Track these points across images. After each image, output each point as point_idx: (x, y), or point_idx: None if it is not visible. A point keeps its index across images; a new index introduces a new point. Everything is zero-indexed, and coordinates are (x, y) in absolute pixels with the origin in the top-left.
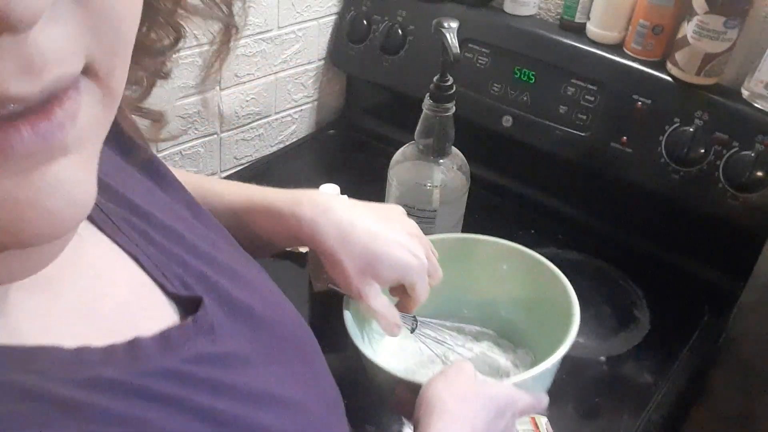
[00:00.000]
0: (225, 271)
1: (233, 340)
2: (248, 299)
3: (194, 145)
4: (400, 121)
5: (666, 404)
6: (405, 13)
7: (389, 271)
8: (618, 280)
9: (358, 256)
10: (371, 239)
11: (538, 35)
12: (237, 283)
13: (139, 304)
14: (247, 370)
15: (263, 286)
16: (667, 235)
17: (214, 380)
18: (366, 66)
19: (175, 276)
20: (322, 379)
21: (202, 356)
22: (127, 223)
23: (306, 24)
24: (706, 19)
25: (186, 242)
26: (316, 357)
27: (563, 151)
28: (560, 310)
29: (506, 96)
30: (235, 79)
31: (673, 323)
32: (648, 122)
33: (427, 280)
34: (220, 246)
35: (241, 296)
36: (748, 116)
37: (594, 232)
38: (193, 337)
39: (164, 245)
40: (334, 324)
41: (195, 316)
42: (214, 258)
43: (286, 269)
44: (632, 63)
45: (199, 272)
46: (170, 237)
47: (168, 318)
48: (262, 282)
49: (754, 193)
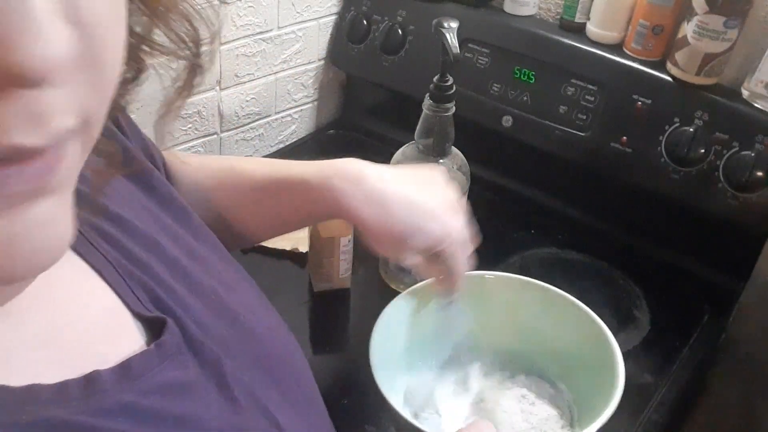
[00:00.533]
0: (203, 290)
1: (200, 366)
2: (225, 319)
3: (194, 145)
4: (400, 121)
5: (666, 404)
6: (405, 13)
7: (424, 241)
8: (618, 280)
9: (393, 227)
10: (405, 209)
11: (538, 35)
12: (215, 303)
13: (102, 328)
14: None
15: (248, 303)
16: (667, 235)
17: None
18: (366, 66)
19: (144, 290)
20: (308, 400)
21: (165, 386)
22: (95, 229)
23: (306, 24)
24: (706, 19)
25: (166, 254)
26: (302, 376)
27: (563, 151)
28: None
29: (506, 96)
30: (235, 79)
31: (673, 323)
32: (648, 122)
33: (464, 250)
34: (209, 261)
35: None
36: (748, 116)
37: (594, 232)
38: (157, 365)
39: (137, 255)
40: (334, 324)
41: (159, 341)
42: (192, 274)
43: (286, 269)
44: (632, 63)
45: (172, 288)
46: (147, 246)
47: (132, 342)
48: (249, 299)
49: (754, 193)
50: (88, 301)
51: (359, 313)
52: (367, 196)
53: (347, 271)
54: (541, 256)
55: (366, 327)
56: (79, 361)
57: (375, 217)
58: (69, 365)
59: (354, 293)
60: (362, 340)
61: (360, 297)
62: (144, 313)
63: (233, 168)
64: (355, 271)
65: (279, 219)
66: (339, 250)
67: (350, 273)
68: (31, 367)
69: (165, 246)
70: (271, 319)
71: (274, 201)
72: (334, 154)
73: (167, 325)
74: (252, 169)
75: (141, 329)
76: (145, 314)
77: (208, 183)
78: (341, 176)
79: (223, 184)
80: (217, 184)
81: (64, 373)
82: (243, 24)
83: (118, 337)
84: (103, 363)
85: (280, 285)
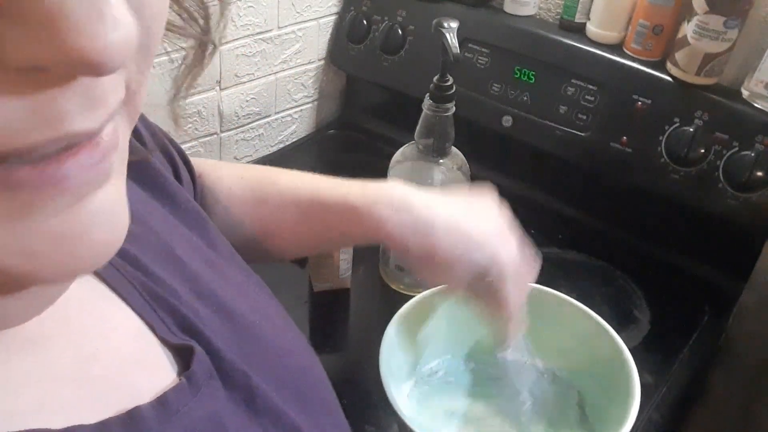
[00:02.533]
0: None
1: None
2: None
3: (194, 145)
4: (400, 121)
5: (666, 404)
6: (405, 13)
7: (470, 269)
8: (618, 280)
9: (437, 255)
10: (451, 237)
11: (538, 35)
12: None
13: (130, 358)
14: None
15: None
16: (667, 234)
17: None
18: (366, 66)
19: (169, 312)
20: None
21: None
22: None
23: (306, 24)
24: (706, 19)
25: (186, 270)
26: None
27: (563, 151)
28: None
29: (506, 96)
30: (235, 79)
31: (673, 323)
32: (648, 122)
33: (517, 282)
34: (227, 273)
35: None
36: (748, 116)
37: (594, 232)
38: (191, 398)
39: (157, 274)
40: (335, 324)
41: (188, 373)
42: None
43: (286, 269)
44: (632, 63)
45: (195, 308)
46: (166, 262)
47: (163, 371)
48: (269, 312)
49: (754, 193)
50: (112, 327)
51: (359, 313)
52: (412, 224)
53: (347, 271)
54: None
55: (366, 327)
56: (114, 396)
57: (420, 245)
58: (104, 401)
59: (354, 293)
60: (362, 340)
61: (360, 297)
62: (170, 339)
63: (276, 184)
64: (355, 271)
65: (318, 240)
66: (339, 250)
67: (350, 273)
68: (65, 406)
69: (184, 260)
70: (291, 332)
71: (316, 223)
72: (334, 154)
73: (195, 353)
74: (296, 187)
75: (169, 356)
76: (172, 341)
77: (247, 197)
78: (386, 202)
79: (264, 201)
80: (259, 200)
81: (102, 410)
82: (243, 24)
83: (148, 367)
84: (137, 397)
85: (280, 285)
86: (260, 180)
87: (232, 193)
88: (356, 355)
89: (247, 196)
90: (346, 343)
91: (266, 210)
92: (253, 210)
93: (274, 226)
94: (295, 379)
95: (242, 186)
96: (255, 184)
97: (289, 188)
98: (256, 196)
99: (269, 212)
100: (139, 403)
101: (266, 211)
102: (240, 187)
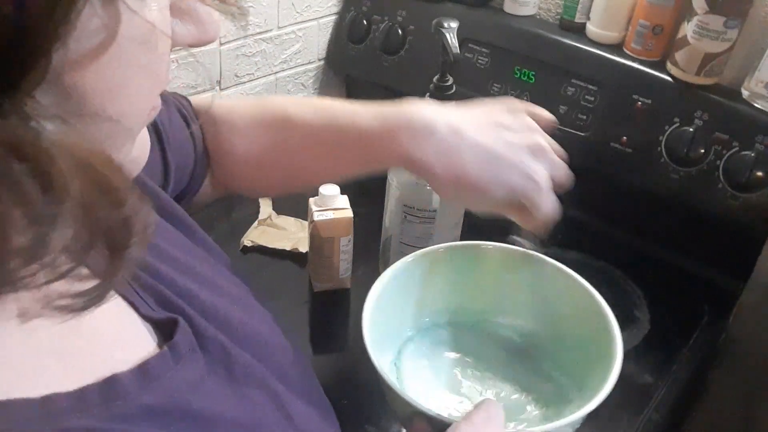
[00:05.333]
0: (209, 282)
1: (212, 362)
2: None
3: None
4: None
5: (666, 404)
6: (405, 13)
7: (503, 191)
8: (618, 280)
9: (468, 180)
10: (481, 160)
11: (538, 35)
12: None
13: (112, 332)
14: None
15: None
16: (667, 235)
17: (195, 413)
18: (366, 66)
19: (151, 292)
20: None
21: (182, 386)
22: None
23: (306, 24)
24: (706, 19)
25: (169, 254)
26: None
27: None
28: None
29: (506, 96)
30: (235, 79)
31: (673, 323)
32: (648, 122)
33: (550, 195)
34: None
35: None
36: (748, 116)
37: (594, 232)
38: (173, 366)
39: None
40: (334, 324)
41: (171, 342)
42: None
43: (286, 269)
44: (632, 63)
45: (177, 284)
46: (151, 250)
47: (144, 345)
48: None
49: (754, 193)
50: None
51: (359, 313)
52: (438, 150)
53: (347, 271)
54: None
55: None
56: (94, 366)
57: (449, 171)
58: (85, 372)
59: (354, 293)
60: (362, 341)
61: (360, 297)
62: (152, 315)
63: (289, 119)
64: (355, 271)
65: (341, 170)
66: (339, 250)
67: (350, 273)
68: (46, 377)
69: (168, 249)
70: (267, 316)
71: (336, 153)
72: None
73: (179, 324)
74: (310, 119)
75: (151, 331)
76: (154, 316)
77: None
78: (408, 129)
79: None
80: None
81: (81, 380)
82: (243, 24)
83: (130, 341)
84: (117, 367)
85: (280, 285)
86: (274, 116)
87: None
88: (356, 355)
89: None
90: (346, 343)
91: (282, 147)
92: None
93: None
94: (277, 358)
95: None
96: (270, 122)
97: (305, 122)
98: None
99: (286, 150)
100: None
101: (283, 148)
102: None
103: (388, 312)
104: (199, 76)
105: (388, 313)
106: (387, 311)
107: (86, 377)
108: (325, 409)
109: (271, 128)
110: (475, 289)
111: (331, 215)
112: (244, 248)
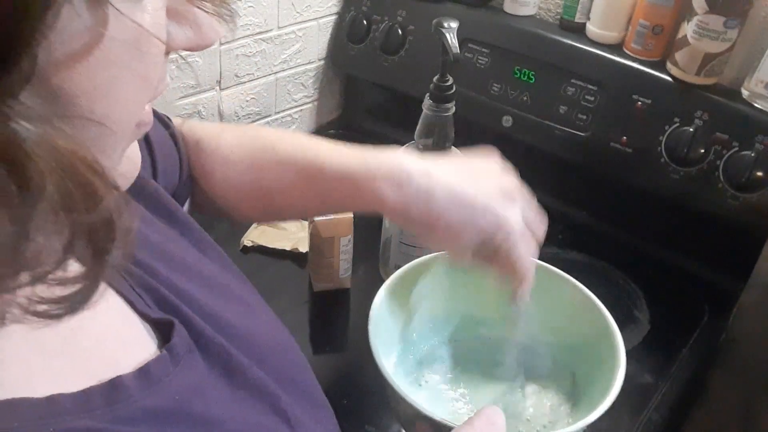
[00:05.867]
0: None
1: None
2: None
3: None
4: (400, 121)
5: (666, 404)
6: (405, 13)
7: (477, 235)
8: (618, 280)
9: (441, 225)
10: (453, 205)
11: (538, 35)
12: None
13: (113, 332)
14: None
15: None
16: (667, 235)
17: (195, 415)
18: (366, 66)
19: (148, 291)
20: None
21: (181, 389)
22: None
23: (306, 24)
24: (706, 19)
25: (169, 255)
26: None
27: (563, 151)
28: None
29: (506, 96)
30: (235, 79)
31: (673, 323)
32: (648, 122)
33: (526, 243)
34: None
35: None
36: (748, 116)
37: (594, 232)
38: (172, 369)
39: (139, 258)
40: (335, 324)
41: (169, 345)
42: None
43: (286, 269)
44: (632, 63)
45: (175, 285)
46: (150, 251)
47: (144, 345)
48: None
49: (754, 193)
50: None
51: (359, 313)
52: (413, 196)
53: (347, 271)
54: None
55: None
56: (98, 368)
57: (422, 216)
58: (89, 373)
59: (354, 293)
60: (362, 340)
61: (360, 297)
62: (150, 314)
63: (274, 150)
64: (355, 271)
65: (318, 208)
66: (339, 250)
67: (350, 273)
68: (50, 377)
69: (169, 250)
70: (269, 316)
71: (316, 193)
72: None
73: (174, 326)
74: (293, 152)
75: (150, 332)
76: (151, 316)
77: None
78: (385, 175)
79: (262, 169)
80: (259, 168)
81: (85, 381)
82: (243, 24)
83: (130, 341)
84: (119, 369)
85: (280, 285)
86: (259, 147)
87: (230, 161)
88: (356, 355)
89: (246, 164)
90: (346, 343)
91: (264, 178)
92: (252, 177)
93: (272, 193)
94: (275, 361)
95: (240, 154)
96: (255, 152)
97: (289, 156)
98: (258, 167)
99: (267, 182)
100: (121, 374)
101: (264, 179)
102: (238, 155)
103: (396, 313)
104: (199, 76)
105: (396, 315)
106: (395, 312)
107: (90, 378)
108: (324, 410)
109: (255, 159)
110: (477, 296)
111: (331, 215)
112: (244, 248)
